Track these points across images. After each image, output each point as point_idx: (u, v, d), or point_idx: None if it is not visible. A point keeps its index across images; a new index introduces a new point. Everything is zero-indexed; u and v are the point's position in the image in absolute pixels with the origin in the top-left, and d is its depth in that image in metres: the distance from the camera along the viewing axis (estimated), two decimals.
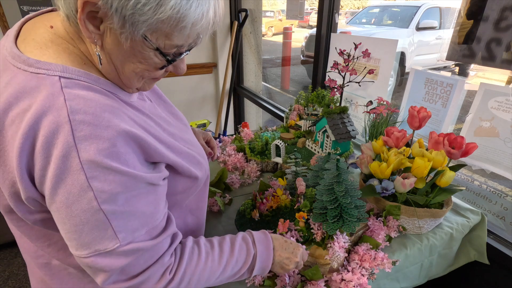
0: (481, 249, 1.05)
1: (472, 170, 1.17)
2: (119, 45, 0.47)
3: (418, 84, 1.31)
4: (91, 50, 0.50)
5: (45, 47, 0.48)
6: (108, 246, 0.47)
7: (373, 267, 0.81)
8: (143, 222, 0.51)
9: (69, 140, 0.42)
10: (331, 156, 0.93)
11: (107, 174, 0.45)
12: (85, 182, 0.44)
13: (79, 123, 0.43)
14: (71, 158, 0.43)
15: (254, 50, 2.88)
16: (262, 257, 0.66)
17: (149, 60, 0.50)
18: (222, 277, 0.63)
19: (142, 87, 0.57)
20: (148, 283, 0.53)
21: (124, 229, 0.48)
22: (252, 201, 1.00)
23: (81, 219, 0.45)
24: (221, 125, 2.90)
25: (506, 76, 2.77)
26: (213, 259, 0.61)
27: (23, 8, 2.04)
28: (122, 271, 0.51)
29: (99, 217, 0.46)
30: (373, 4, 8.37)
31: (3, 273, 1.88)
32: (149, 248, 0.52)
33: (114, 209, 0.47)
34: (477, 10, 1.06)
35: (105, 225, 0.47)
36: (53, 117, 0.42)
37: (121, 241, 0.48)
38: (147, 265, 0.53)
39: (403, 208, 0.91)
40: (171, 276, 0.56)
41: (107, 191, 0.45)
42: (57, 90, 0.44)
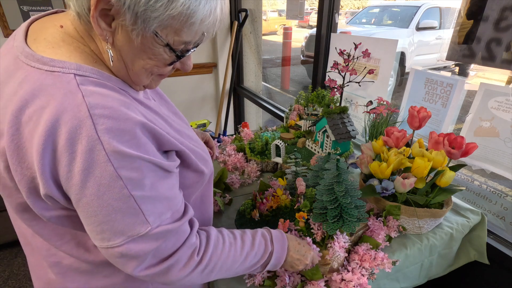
0: (481, 249, 1.05)
1: (472, 170, 1.17)
2: (130, 41, 0.49)
3: (418, 84, 1.31)
4: (101, 48, 0.51)
5: (57, 46, 0.49)
6: (141, 231, 0.50)
7: (373, 267, 0.81)
8: (167, 206, 0.54)
9: (92, 134, 0.44)
10: (331, 156, 0.93)
11: (132, 162, 0.47)
12: (114, 172, 0.46)
13: (99, 117, 0.44)
14: (97, 151, 0.44)
15: (254, 50, 2.88)
16: (277, 255, 0.69)
17: (158, 56, 0.52)
18: (241, 268, 0.65)
19: (149, 85, 0.59)
20: (177, 265, 0.56)
21: (153, 213, 0.51)
22: (252, 201, 1.00)
23: (114, 208, 0.47)
24: (221, 125, 2.90)
25: (506, 76, 2.77)
26: (236, 249, 0.64)
27: (23, 8, 2.04)
28: (153, 256, 0.53)
29: (130, 203, 0.48)
30: (373, 4, 8.37)
31: (3, 273, 1.88)
32: (176, 229, 0.55)
33: (143, 194, 0.49)
34: (477, 10, 1.06)
35: (136, 211, 0.49)
36: (73, 113, 0.43)
37: (151, 224, 0.51)
38: (176, 247, 0.56)
39: (403, 208, 0.91)
40: (199, 258, 0.59)
41: (134, 178, 0.48)
42: (74, 87, 0.45)
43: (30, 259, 0.69)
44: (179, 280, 0.58)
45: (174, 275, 0.56)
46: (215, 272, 0.61)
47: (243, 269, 0.66)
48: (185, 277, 0.58)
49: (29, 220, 0.56)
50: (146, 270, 0.54)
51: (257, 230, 0.72)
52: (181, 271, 0.57)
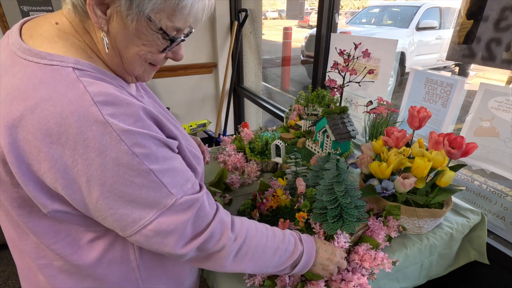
0: (481, 249, 1.05)
1: (472, 170, 1.17)
2: (125, 28, 0.50)
3: (418, 84, 1.31)
4: (96, 39, 0.53)
5: (53, 41, 0.50)
6: (167, 202, 0.51)
7: (373, 267, 0.81)
8: (184, 177, 0.55)
9: (100, 119, 0.45)
10: (331, 156, 0.93)
11: (143, 139, 0.49)
12: (128, 150, 0.47)
13: (103, 104, 0.46)
14: (108, 133, 0.45)
15: (254, 50, 2.88)
16: (307, 255, 0.69)
17: (152, 42, 0.53)
18: (271, 262, 0.65)
19: (142, 76, 0.60)
20: (214, 239, 0.57)
21: (174, 184, 0.52)
22: (252, 201, 1.00)
23: (137, 185, 0.49)
24: (221, 125, 2.90)
25: (506, 76, 2.77)
26: (267, 238, 0.65)
27: (23, 8, 2.04)
28: (187, 229, 0.54)
29: (151, 178, 0.49)
30: (373, 4, 8.37)
31: (3, 273, 1.88)
32: (201, 199, 0.56)
33: (160, 167, 0.51)
34: (477, 10, 1.06)
35: (159, 185, 0.50)
36: (78, 103, 0.44)
37: (175, 195, 0.52)
38: (208, 220, 0.57)
39: (403, 208, 0.91)
40: (234, 235, 0.60)
41: (148, 154, 0.49)
42: (74, 79, 0.46)
43: (19, 262, 0.67)
44: (216, 260, 0.58)
45: (217, 243, 0.57)
46: (248, 257, 0.61)
47: (273, 264, 0.66)
48: (222, 256, 0.58)
49: (24, 217, 0.55)
50: (186, 246, 0.55)
51: (285, 229, 0.72)
52: (216, 246, 0.57)
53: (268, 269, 0.67)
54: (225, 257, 0.59)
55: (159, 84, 2.71)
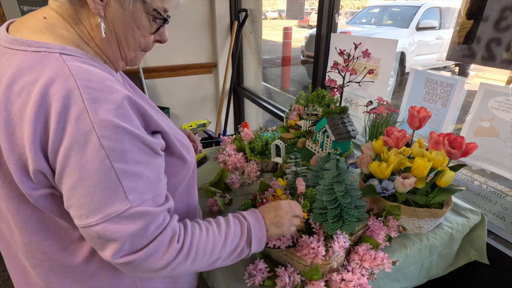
0: (481, 249, 1.05)
1: (472, 170, 1.17)
2: (122, 12, 0.54)
3: (418, 84, 1.31)
4: (89, 26, 0.55)
5: (41, 32, 0.52)
6: (119, 208, 0.49)
7: (373, 267, 0.81)
8: (149, 187, 0.53)
9: (80, 103, 0.45)
10: (331, 156, 0.93)
11: (117, 132, 0.47)
12: (97, 141, 0.46)
13: (86, 87, 0.46)
14: (83, 119, 0.45)
15: (254, 50, 2.88)
16: (255, 227, 0.68)
17: (145, 25, 0.57)
18: (225, 251, 0.64)
19: (133, 60, 0.64)
20: (158, 253, 0.54)
21: (134, 190, 0.50)
22: (252, 201, 1.00)
23: (94, 180, 0.47)
24: (221, 125, 2.90)
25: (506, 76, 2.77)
26: (213, 231, 0.63)
27: (23, 8, 2.04)
28: (132, 241, 0.51)
29: (111, 176, 0.48)
30: (373, 4, 8.37)
31: (3, 273, 1.87)
32: (156, 214, 0.53)
33: (124, 168, 0.49)
34: (477, 10, 1.06)
35: (116, 185, 0.48)
36: (62, 85, 0.45)
37: (131, 202, 0.49)
38: (155, 234, 0.54)
39: (403, 208, 0.91)
40: (180, 245, 0.57)
41: (117, 149, 0.48)
42: (60, 63, 0.48)
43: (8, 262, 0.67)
44: (162, 269, 0.55)
45: (155, 263, 0.54)
46: (199, 258, 0.59)
47: (228, 252, 0.64)
48: (168, 265, 0.55)
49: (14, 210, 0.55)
50: (125, 256, 0.51)
51: (228, 214, 0.71)
52: (162, 259, 0.54)
53: (224, 260, 0.65)
54: (174, 266, 0.56)
55: (159, 84, 2.71)
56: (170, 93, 2.78)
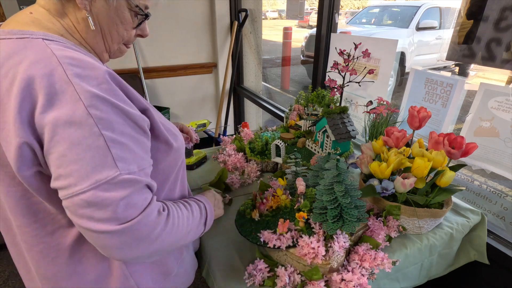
0: (481, 249, 1.05)
1: (472, 170, 1.17)
2: (108, 7, 0.59)
3: (418, 84, 1.31)
4: (75, 19, 0.59)
5: (27, 25, 0.55)
6: (109, 174, 0.49)
7: (373, 267, 0.81)
8: (135, 159, 0.54)
9: (64, 77, 0.48)
10: (331, 156, 0.93)
11: (102, 103, 0.50)
12: (84, 110, 0.48)
13: (69, 65, 0.50)
14: (69, 91, 0.48)
15: (254, 50, 2.88)
16: (208, 209, 0.77)
17: (128, 20, 0.62)
18: (193, 225, 0.68)
19: (116, 53, 0.68)
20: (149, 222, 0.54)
21: (122, 159, 0.51)
22: (252, 201, 1.00)
23: (83, 147, 0.48)
24: (221, 125, 2.90)
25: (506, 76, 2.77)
26: (183, 207, 0.68)
27: (23, 8, 2.04)
28: (124, 210, 0.51)
29: (100, 143, 0.49)
30: (373, 4, 8.37)
31: (3, 273, 1.88)
32: (144, 183, 0.55)
33: (113, 137, 0.50)
34: (477, 10, 1.06)
35: (106, 152, 0.49)
36: (45, 64, 0.49)
37: (120, 169, 0.50)
38: (144, 205, 0.54)
39: (403, 208, 0.92)
40: (166, 213, 0.59)
41: (105, 119, 0.50)
42: (43, 46, 0.51)
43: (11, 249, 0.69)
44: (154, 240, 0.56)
45: (148, 229, 0.54)
46: (180, 228, 0.62)
47: (195, 226, 0.69)
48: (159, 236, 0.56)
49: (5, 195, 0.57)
50: (118, 224, 0.50)
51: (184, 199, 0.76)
52: (154, 225, 0.55)
53: (193, 235, 0.69)
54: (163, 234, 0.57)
55: (159, 84, 2.71)
56: (170, 93, 2.78)
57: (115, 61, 2.47)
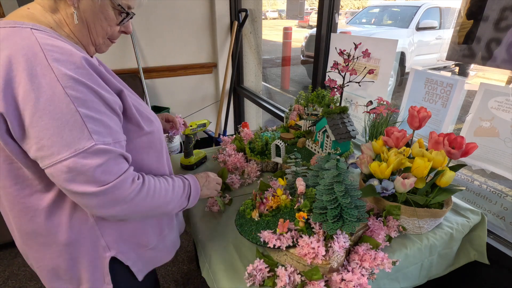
0: (481, 249, 1.05)
1: (472, 170, 1.17)
2: (93, 5, 0.66)
3: (418, 84, 1.31)
4: (65, 15, 0.66)
5: (22, 18, 0.63)
6: (86, 145, 0.58)
7: (373, 267, 0.81)
8: (110, 133, 0.62)
9: (44, 62, 0.56)
10: (331, 156, 0.93)
11: (78, 85, 0.58)
12: (62, 90, 0.56)
13: (49, 51, 0.57)
14: (48, 74, 0.55)
15: (254, 50, 2.88)
16: (193, 186, 0.84)
17: (111, 17, 0.70)
18: (173, 197, 0.77)
19: (100, 48, 0.75)
20: (124, 184, 0.64)
21: (97, 132, 0.60)
22: (252, 201, 1.00)
23: (62, 121, 0.56)
24: (221, 125, 2.90)
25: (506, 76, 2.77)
26: (163, 180, 0.76)
27: None
28: (101, 174, 0.60)
29: (77, 118, 0.57)
30: (373, 4, 8.37)
31: (3, 273, 1.88)
32: (118, 154, 0.63)
33: (87, 113, 0.59)
34: (477, 10, 1.06)
35: (82, 126, 0.58)
36: (28, 49, 0.56)
37: (95, 140, 0.59)
38: (120, 172, 0.63)
39: (403, 208, 0.92)
40: (140, 181, 0.68)
41: (80, 98, 0.58)
42: (30, 34, 0.58)
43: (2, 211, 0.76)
44: (129, 201, 0.65)
45: (123, 193, 0.64)
46: (156, 196, 0.71)
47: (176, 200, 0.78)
48: (134, 198, 0.65)
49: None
50: (98, 187, 0.60)
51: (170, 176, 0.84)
52: (129, 191, 0.64)
53: (172, 204, 0.77)
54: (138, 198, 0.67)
55: (159, 84, 2.71)
56: (170, 93, 2.78)
57: (115, 61, 2.47)
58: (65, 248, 0.72)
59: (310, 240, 0.79)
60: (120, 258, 0.79)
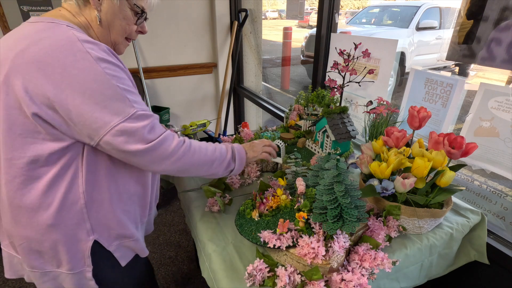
0: (481, 249, 1.05)
1: (472, 170, 1.17)
2: (112, 6, 0.77)
3: (418, 84, 1.31)
4: (90, 18, 0.78)
5: (55, 17, 0.74)
6: (130, 111, 0.69)
7: (373, 267, 0.81)
8: (143, 104, 0.74)
9: (82, 49, 0.66)
10: (331, 156, 0.93)
11: (111, 65, 0.69)
12: (102, 70, 0.67)
13: (84, 42, 0.68)
14: (87, 59, 0.66)
15: (254, 50, 2.88)
16: (237, 148, 0.95)
17: (129, 16, 0.80)
18: (216, 156, 0.87)
19: (119, 48, 0.86)
20: (168, 140, 0.76)
21: (135, 101, 0.71)
22: (252, 201, 1.00)
23: (107, 95, 0.67)
24: (221, 125, 2.90)
25: (506, 76, 2.77)
26: (202, 142, 0.86)
27: (23, 8, 2.04)
28: (147, 132, 0.71)
29: (118, 91, 0.68)
30: (373, 4, 8.37)
31: (3, 273, 1.88)
32: (155, 118, 0.75)
33: (124, 87, 0.70)
34: (477, 10, 1.06)
35: (124, 98, 0.69)
36: (67, 40, 0.67)
37: (136, 108, 0.71)
38: (162, 131, 0.75)
39: (403, 208, 0.92)
40: (182, 139, 0.80)
41: (116, 75, 0.69)
42: (66, 29, 0.69)
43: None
44: (174, 154, 0.76)
45: (169, 148, 0.75)
46: (198, 152, 0.82)
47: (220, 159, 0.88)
48: (177, 151, 0.77)
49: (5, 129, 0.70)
50: (145, 144, 0.71)
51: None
52: (172, 145, 0.76)
53: (220, 165, 0.88)
54: (182, 153, 0.78)
55: (159, 84, 2.71)
56: (170, 93, 2.78)
57: None
58: (51, 227, 0.76)
59: (310, 240, 0.79)
60: (101, 242, 0.82)
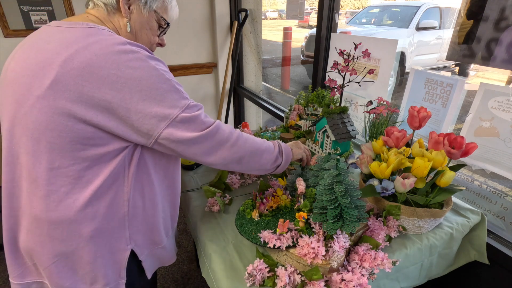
0: (481, 249, 1.05)
1: (472, 170, 1.17)
2: (141, 16, 0.80)
3: (418, 84, 1.31)
4: (118, 25, 0.79)
5: (86, 21, 0.74)
6: (185, 102, 0.73)
7: (373, 267, 0.81)
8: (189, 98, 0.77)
9: (133, 49, 0.67)
10: (331, 156, 0.93)
11: (160, 62, 0.72)
12: (153, 66, 0.69)
13: (132, 44, 0.69)
14: (139, 58, 0.67)
15: (254, 50, 2.88)
16: (283, 144, 0.97)
17: (154, 28, 0.84)
18: (265, 148, 0.88)
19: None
20: (221, 127, 0.78)
21: (186, 94, 0.75)
22: (252, 201, 1.00)
23: (164, 89, 0.69)
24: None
25: (506, 76, 2.77)
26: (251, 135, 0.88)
27: (23, 8, 2.04)
28: (203, 120, 0.75)
29: (172, 85, 0.71)
30: (373, 4, 8.36)
31: (3, 273, 1.87)
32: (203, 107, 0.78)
33: (174, 82, 0.73)
34: (477, 10, 1.06)
35: (177, 91, 0.72)
36: (119, 42, 0.66)
37: (189, 99, 0.74)
38: (213, 119, 0.78)
39: (403, 208, 0.91)
40: (232, 127, 0.82)
41: (166, 71, 0.72)
42: (109, 33, 0.70)
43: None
44: (229, 138, 0.79)
45: (224, 133, 0.78)
46: (250, 142, 0.84)
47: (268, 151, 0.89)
48: (231, 136, 0.79)
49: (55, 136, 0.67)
50: (205, 129, 0.75)
51: None
52: (226, 131, 0.79)
53: (268, 156, 0.89)
54: (235, 140, 0.80)
55: None
56: None
57: None
58: (92, 239, 0.73)
59: (310, 240, 0.79)
60: (136, 252, 0.82)
